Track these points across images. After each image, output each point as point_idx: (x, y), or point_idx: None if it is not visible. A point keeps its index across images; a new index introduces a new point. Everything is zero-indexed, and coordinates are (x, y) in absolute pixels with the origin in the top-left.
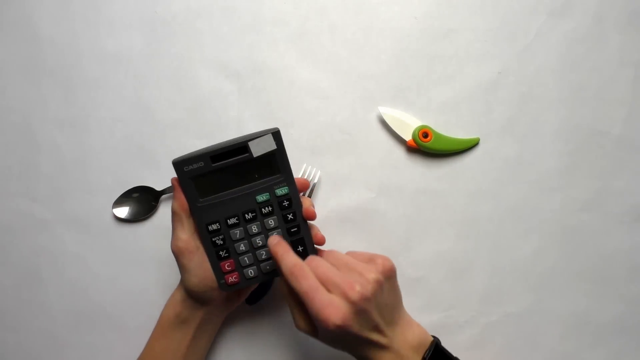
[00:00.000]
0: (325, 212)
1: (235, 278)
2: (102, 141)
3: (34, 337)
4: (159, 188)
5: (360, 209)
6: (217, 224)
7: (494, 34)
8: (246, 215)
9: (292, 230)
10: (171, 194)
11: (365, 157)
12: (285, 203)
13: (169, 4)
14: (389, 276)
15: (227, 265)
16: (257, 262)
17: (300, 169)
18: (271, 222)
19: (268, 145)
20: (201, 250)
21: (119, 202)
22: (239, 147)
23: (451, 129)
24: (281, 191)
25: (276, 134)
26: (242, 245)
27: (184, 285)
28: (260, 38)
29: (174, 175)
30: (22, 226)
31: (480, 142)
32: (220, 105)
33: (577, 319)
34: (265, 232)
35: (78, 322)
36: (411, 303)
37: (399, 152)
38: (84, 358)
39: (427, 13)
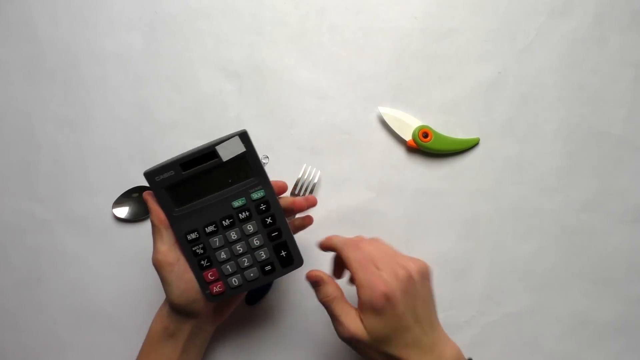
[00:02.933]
0: (325, 212)
1: (220, 287)
2: (102, 141)
3: (34, 337)
4: None
5: (360, 209)
6: (196, 233)
7: (494, 34)
8: (224, 222)
9: (272, 234)
10: None
11: (365, 157)
12: (263, 207)
13: (169, 4)
14: (427, 277)
15: (210, 275)
16: (240, 269)
17: (300, 169)
18: (250, 227)
19: (237, 147)
20: (181, 261)
21: (118, 202)
22: (207, 152)
23: (451, 129)
24: (257, 194)
25: (243, 136)
26: (222, 253)
27: (167, 298)
28: (260, 38)
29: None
30: (22, 226)
31: (480, 142)
32: (220, 105)
33: (577, 319)
34: (245, 238)
35: (78, 322)
36: None
37: (399, 152)
38: (84, 358)
39: (427, 13)
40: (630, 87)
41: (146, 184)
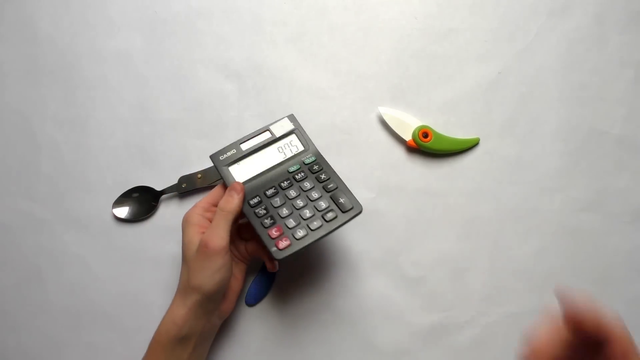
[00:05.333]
0: None
1: (286, 241)
2: (102, 141)
3: (34, 337)
4: (159, 188)
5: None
6: (258, 197)
7: (494, 34)
8: (282, 184)
9: (328, 186)
10: (172, 194)
11: (365, 157)
12: (316, 167)
13: (169, 4)
14: None
15: (274, 231)
16: (302, 220)
17: None
18: (307, 184)
19: (287, 125)
20: (229, 253)
21: (119, 202)
22: (263, 131)
23: (451, 129)
24: (308, 159)
25: (291, 117)
26: (284, 209)
27: (199, 287)
28: (260, 38)
29: (174, 175)
30: (22, 226)
31: (480, 142)
32: (220, 105)
33: None
34: (304, 193)
35: (78, 322)
36: (411, 303)
37: (399, 152)
38: (84, 358)
39: (427, 13)
40: (630, 87)
41: (146, 184)
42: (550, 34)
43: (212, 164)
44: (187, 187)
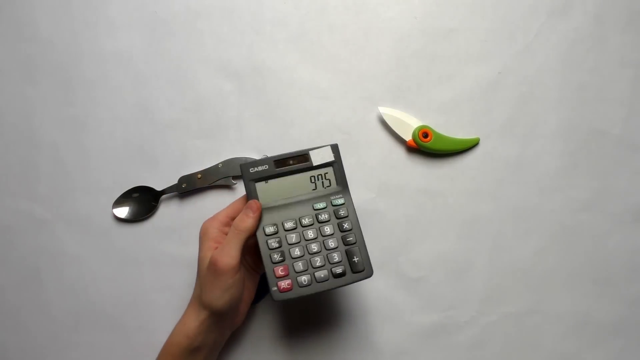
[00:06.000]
0: None
1: (288, 285)
2: (102, 141)
3: (34, 337)
4: (159, 188)
5: (360, 209)
6: (275, 227)
7: (494, 34)
8: (302, 220)
9: (347, 239)
10: (172, 194)
11: (365, 157)
12: (342, 212)
13: (169, 4)
14: None
15: (280, 270)
16: (311, 268)
17: None
18: (327, 229)
19: (327, 155)
20: (241, 270)
21: (119, 202)
22: (301, 154)
23: (451, 129)
24: (338, 201)
25: (335, 147)
26: (297, 249)
27: (210, 304)
28: (260, 38)
29: (174, 175)
30: (22, 226)
31: (480, 142)
32: (220, 105)
33: (577, 319)
34: (322, 238)
35: (78, 322)
36: (411, 303)
37: (399, 152)
38: (84, 358)
39: (427, 13)
40: (630, 87)
41: (146, 184)
42: (550, 34)
43: (213, 164)
44: (187, 187)
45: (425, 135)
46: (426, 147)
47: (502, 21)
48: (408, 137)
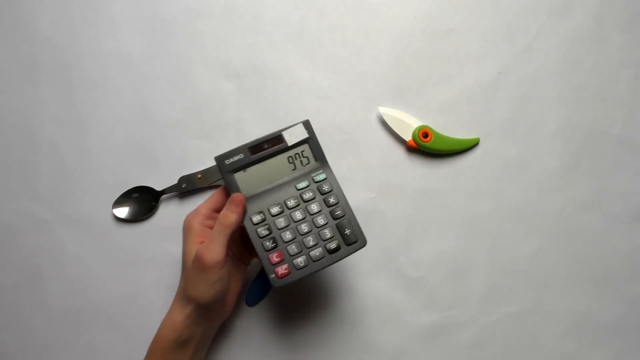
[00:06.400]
0: None
1: (285, 269)
2: (102, 141)
3: (34, 337)
4: (159, 188)
5: (360, 209)
6: (261, 214)
7: (494, 34)
8: (288, 202)
9: (336, 213)
10: (172, 194)
11: (365, 157)
12: (325, 187)
13: (169, 4)
14: None
15: (275, 257)
16: (305, 249)
17: None
18: (314, 206)
19: (301, 133)
20: (227, 263)
21: (119, 202)
22: (274, 137)
23: (451, 129)
24: (319, 177)
25: (306, 123)
26: (288, 232)
27: (195, 298)
28: (260, 38)
29: (174, 175)
30: (22, 226)
31: (480, 142)
32: (220, 105)
33: (577, 319)
34: (310, 217)
35: (78, 322)
36: (411, 303)
37: (399, 152)
38: (84, 358)
39: (427, 13)
40: (630, 87)
41: (146, 184)
42: (550, 34)
43: (213, 164)
44: (187, 187)
45: (425, 135)
46: (426, 147)
47: (502, 21)
48: (408, 137)
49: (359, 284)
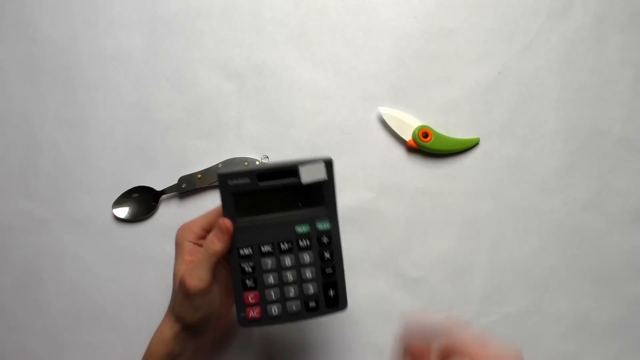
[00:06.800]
0: None
1: (256, 313)
2: (102, 141)
3: (34, 337)
4: (159, 188)
5: (360, 209)
6: (250, 249)
7: (494, 34)
8: (282, 245)
9: (326, 270)
10: (171, 193)
11: (365, 157)
12: (325, 239)
13: (169, 4)
14: None
15: (250, 298)
16: (283, 299)
17: None
18: (306, 257)
19: (319, 173)
20: (214, 289)
21: (119, 202)
22: (288, 169)
23: (451, 129)
24: (323, 225)
25: (328, 164)
26: (270, 277)
27: (182, 319)
28: (260, 38)
29: (174, 175)
30: (22, 226)
31: (480, 142)
32: (220, 105)
33: (577, 319)
34: (299, 267)
35: (78, 322)
36: (411, 303)
37: (399, 152)
38: (84, 358)
39: (427, 13)
40: (630, 87)
41: (146, 184)
42: (550, 34)
43: (213, 164)
44: (187, 187)
45: (425, 135)
46: (426, 147)
47: (502, 21)
48: (408, 137)
49: (359, 284)
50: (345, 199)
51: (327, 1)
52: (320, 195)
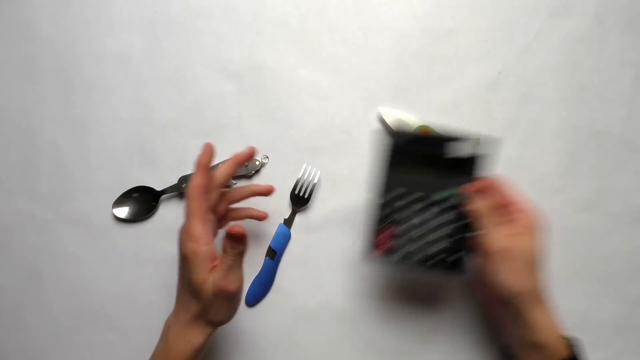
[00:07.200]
0: (326, 212)
1: (389, 246)
2: (102, 141)
3: (34, 337)
4: (159, 188)
5: (360, 209)
6: (405, 188)
7: (494, 34)
8: (433, 195)
9: (459, 234)
10: (171, 193)
11: (365, 157)
12: (463, 208)
13: (169, 4)
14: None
15: (392, 230)
16: (418, 243)
17: (300, 169)
18: (447, 216)
19: (474, 149)
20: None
21: (119, 202)
22: (448, 139)
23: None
24: (465, 196)
25: (485, 143)
26: (415, 219)
27: (221, 321)
28: (260, 38)
29: (174, 175)
30: (22, 226)
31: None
32: (220, 105)
33: (577, 319)
34: (437, 220)
35: (78, 322)
36: (411, 302)
37: None
38: (84, 358)
39: (427, 13)
40: (630, 87)
41: (146, 184)
42: (550, 34)
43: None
44: (187, 187)
45: None
46: None
47: (502, 21)
48: None
49: (359, 284)
50: (345, 199)
51: (327, 1)
52: (469, 169)
